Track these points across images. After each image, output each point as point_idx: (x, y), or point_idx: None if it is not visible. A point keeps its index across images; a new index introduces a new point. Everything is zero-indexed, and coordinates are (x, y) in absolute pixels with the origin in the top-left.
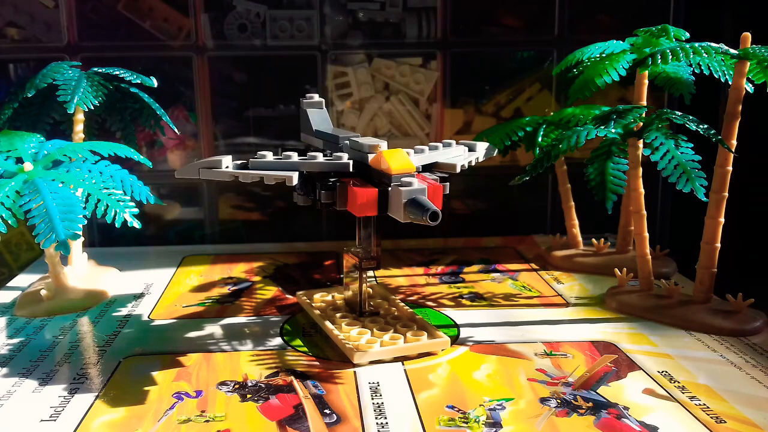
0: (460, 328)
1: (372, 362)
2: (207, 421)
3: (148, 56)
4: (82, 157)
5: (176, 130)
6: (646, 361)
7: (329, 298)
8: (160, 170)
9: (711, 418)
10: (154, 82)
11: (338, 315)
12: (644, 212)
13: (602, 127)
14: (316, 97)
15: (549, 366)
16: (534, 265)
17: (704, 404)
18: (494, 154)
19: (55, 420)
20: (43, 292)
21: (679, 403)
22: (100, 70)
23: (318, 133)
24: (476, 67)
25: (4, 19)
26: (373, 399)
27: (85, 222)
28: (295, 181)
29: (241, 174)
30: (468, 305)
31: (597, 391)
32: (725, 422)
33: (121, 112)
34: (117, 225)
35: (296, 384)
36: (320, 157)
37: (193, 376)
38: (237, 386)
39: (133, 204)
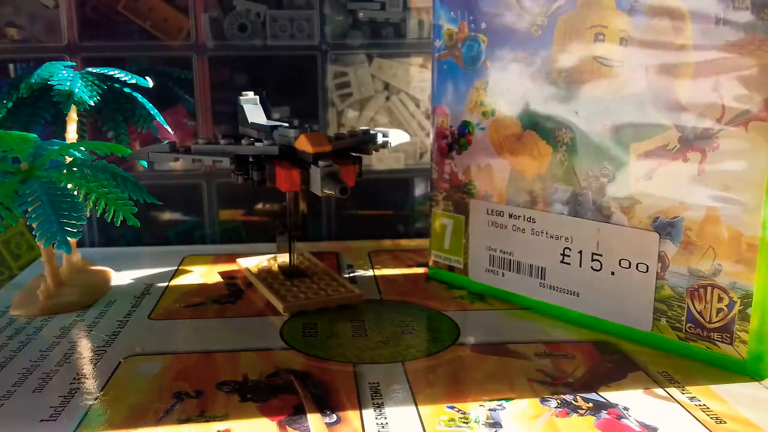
0: (460, 328)
1: (374, 364)
2: (207, 421)
3: (148, 56)
4: (80, 156)
5: (170, 130)
6: (646, 361)
7: (265, 263)
8: (159, 170)
9: (711, 418)
10: (150, 82)
11: (272, 277)
12: None
13: None
14: (251, 95)
15: (549, 366)
16: None
17: (704, 404)
18: (408, 140)
19: (55, 420)
20: (40, 292)
21: (679, 403)
22: (94, 70)
23: (254, 125)
24: None
25: (4, 19)
26: (373, 399)
27: (85, 221)
28: (227, 163)
29: (183, 157)
30: (468, 305)
31: (597, 391)
32: (725, 423)
33: (113, 112)
34: (116, 224)
35: (296, 384)
36: (246, 143)
37: (193, 376)
38: (237, 386)
39: (131, 202)
